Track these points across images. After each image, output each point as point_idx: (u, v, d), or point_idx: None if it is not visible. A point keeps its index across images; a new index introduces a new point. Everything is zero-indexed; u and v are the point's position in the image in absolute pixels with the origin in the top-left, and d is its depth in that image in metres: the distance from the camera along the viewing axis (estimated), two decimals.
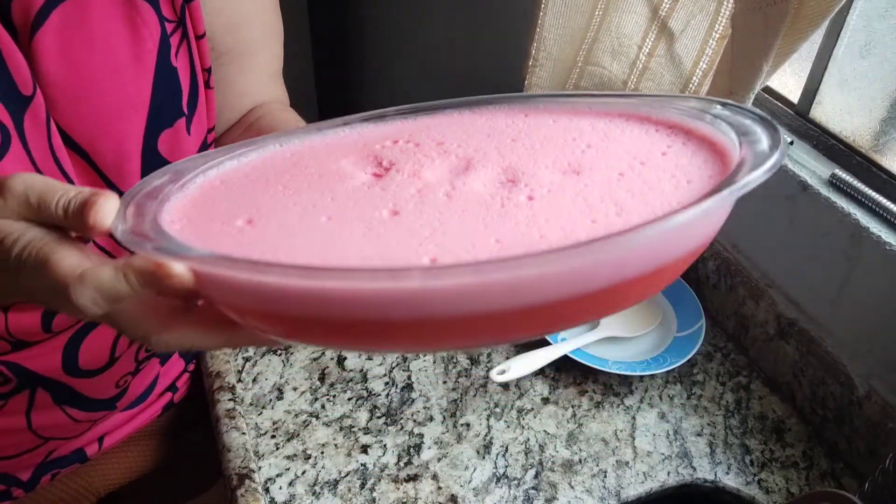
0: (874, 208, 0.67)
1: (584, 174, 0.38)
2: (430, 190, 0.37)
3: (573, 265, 0.29)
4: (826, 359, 0.71)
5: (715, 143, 0.39)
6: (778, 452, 0.71)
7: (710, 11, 0.74)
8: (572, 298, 0.30)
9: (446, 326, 0.30)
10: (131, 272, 0.32)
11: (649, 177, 0.37)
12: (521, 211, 0.34)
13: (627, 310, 0.64)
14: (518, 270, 0.28)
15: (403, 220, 0.34)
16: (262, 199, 0.38)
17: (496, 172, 0.38)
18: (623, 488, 0.67)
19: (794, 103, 0.77)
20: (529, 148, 0.41)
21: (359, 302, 0.29)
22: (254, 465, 0.66)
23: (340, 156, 0.42)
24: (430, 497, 0.65)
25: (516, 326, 0.31)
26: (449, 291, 0.28)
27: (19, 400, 0.59)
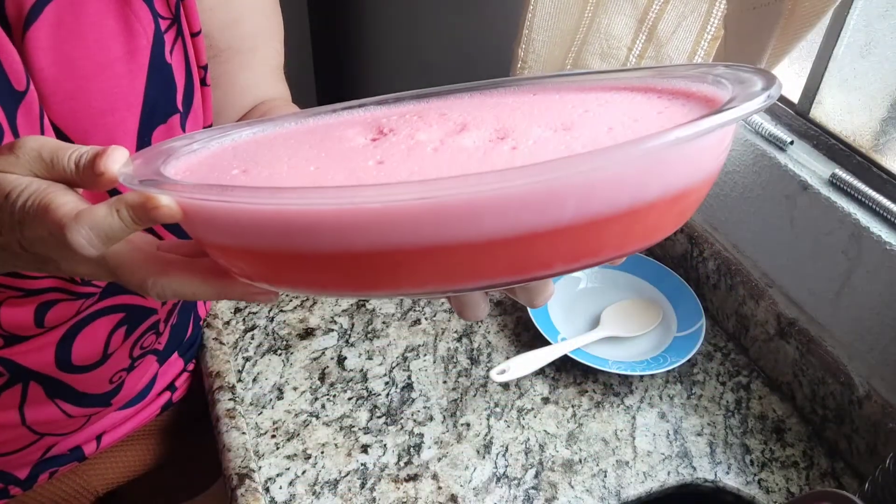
0: (874, 208, 0.67)
1: (573, 130, 0.36)
2: (420, 146, 0.37)
3: (538, 185, 0.26)
4: (826, 358, 0.71)
5: (714, 101, 0.38)
6: (778, 452, 0.71)
7: (701, 12, 0.74)
8: (541, 231, 0.28)
9: (413, 256, 0.28)
10: (123, 206, 0.33)
11: (639, 130, 0.35)
12: (500, 158, 0.33)
13: (628, 310, 0.66)
14: (476, 187, 0.26)
15: (385, 167, 0.34)
16: (262, 155, 0.39)
17: (488, 133, 0.38)
18: (623, 488, 0.67)
19: (795, 103, 0.77)
20: (528, 114, 0.40)
21: (320, 224, 0.28)
22: (254, 464, 0.66)
23: (347, 127, 0.42)
24: (430, 497, 0.65)
25: (487, 262, 0.29)
26: (405, 211, 0.27)
27: (11, 394, 0.59)
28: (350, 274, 0.30)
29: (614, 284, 0.86)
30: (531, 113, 0.41)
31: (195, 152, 0.40)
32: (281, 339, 0.79)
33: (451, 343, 0.80)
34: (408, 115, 0.43)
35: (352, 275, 0.30)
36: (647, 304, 0.83)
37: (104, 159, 0.34)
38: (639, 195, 0.29)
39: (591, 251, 0.30)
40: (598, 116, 0.39)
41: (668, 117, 0.37)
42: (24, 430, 0.61)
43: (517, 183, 0.26)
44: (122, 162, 0.35)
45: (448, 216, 0.27)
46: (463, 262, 0.28)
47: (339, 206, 0.27)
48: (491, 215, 0.27)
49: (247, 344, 0.78)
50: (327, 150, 0.38)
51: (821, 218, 0.70)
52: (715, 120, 0.28)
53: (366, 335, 0.80)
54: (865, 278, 0.67)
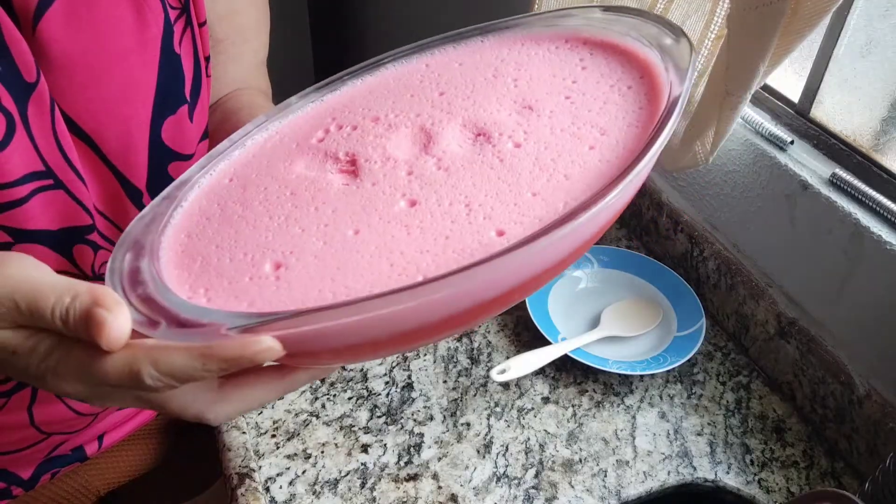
0: (875, 208, 0.67)
1: (536, 108, 0.39)
2: (419, 166, 0.37)
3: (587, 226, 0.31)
4: (826, 358, 0.71)
5: (615, 46, 0.41)
6: (778, 452, 0.71)
7: (705, 11, 0.74)
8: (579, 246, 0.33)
9: (442, 324, 0.31)
10: (215, 362, 0.30)
11: (593, 93, 0.39)
12: (522, 160, 0.36)
13: (628, 309, 0.70)
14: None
15: (426, 206, 0.35)
16: (261, 239, 0.36)
17: (458, 130, 0.39)
18: (623, 488, 0.67)
19: (795, 103, 0.77)
20: (463, 97, 0.41)
21: (398, 318, 0.30)
22: (254, 464, 0.66)
23: (285, 165, 0.40)
24: (430, 496, 0.65)
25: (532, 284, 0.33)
26: (461, 294, 0.30)
27: (22, 395, 0.58)
28: (400, 343, 0.32)
29: (614, 284, 0.86)
30: (465, 95, 0.41)
31: (158, 259, 0.35)
32: None
33: (451, 343, 0.80)
34: (334, 130, 0.42)
35: (400, 343, 0.32)
36: (647, 303, 0.83)
37: (107, 334, 0.30)
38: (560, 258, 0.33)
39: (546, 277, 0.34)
40: (533, 84, 0.40)
41: (598, 72, 0.40)
42: (32, 430, 0.61)
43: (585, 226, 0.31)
44: (129, 327, 0.30)
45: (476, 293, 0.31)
46: (463, 321, 0.32)
47: (416, 301, 0.29)
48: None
49: None
50: (322, 203, 0.37)
51: (821, 218, 0.70)
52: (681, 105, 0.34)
53: None
54: (866, 278, 0.67)
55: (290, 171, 0.39)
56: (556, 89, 0.40)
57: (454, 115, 0.40)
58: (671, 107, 0.34)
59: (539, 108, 0.39)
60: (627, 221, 0.97)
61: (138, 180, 0.55)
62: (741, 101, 0.66)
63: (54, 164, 0.49)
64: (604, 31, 0.42)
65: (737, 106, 0.67)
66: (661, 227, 0.91)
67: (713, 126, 0.71)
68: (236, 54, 0.65)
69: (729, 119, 0.68)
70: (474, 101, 0.40)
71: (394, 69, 0.46)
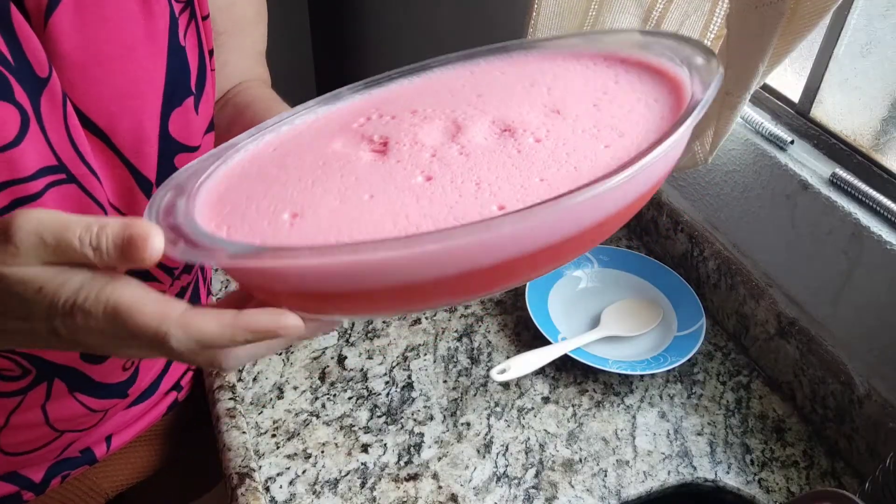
0: (875, 208, 0.67)
1: (563, 112, 0.41)
2: (443, 151, 0.39)
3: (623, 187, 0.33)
4: (826, 358, 0.71)
5: (649, 66, 0.44)
6: (778, 452, 0.71)
7: (704, 12, 0.74)
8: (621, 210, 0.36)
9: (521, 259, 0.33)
10: (249, 333, 0.32)
11: (620, 102, 0.41)
12: (539, 152, 0.38)
13: (628, 310, 0.71)
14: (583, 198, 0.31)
15: (439, 182, 0.37)
16: (287, 194, 0.39)
17: (486, 126, 0.41)
18: (623, 487, 0.67)
19: (795, 102, 0.77)
20: (499, 100, 0.44)
21: (447, 257, 0.31)
22: (254, 464, 0.66)
23: (325, 141, 0.44)
24: (430, 496, 0.65)
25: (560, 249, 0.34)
26: (526, 228, 0.32)
27: (37, 392, 0.58)
28: (392, 299, 0.34)
29: (615, 284, 0.86)
30: (500, 98, 0.44)
31: (195, 198, 0.39)
32: None
33: (451, 342, 0.80)
34: (375, 118, 0.45)
35: (393, 300, 0.34)
36: (647, 303, 0.83)
37: (147, 249, 0.32)
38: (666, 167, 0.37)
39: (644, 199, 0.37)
40: (566, 93, 0.43)
41: (629, 87, 0.43)
42: (46, 428, 0.61)
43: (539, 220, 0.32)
44: (162, 241, 0.32)
45: (494, 244, 0.32)
46: (487, 281, 0.34)
47: (405, 251, 0.31)
48: (585, 211, 0.33)
49: None
50: (349, 172, 0.40)
51: (821, 217, 0.70)
52: (706, 102, 0.36)
53: (366, 335, 0.80)
54: (866, 278, 0.67)
55: (327, 147, 0.43)
56: (586, 98, 0.42)
57: (486, 113, 0.42)
58: (689, 110, 0.36)
59: (566, 112, 0.41)
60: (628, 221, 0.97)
61: (149, 172, 0.55)
62: (740, 101, 0.66)
63: (67, 158, 0.50)
64: (640, 52, 0.45)
65: (736, 106, 0.67)
66: (662, 226, 0.91)
67: (712, 126, 0.71)
68: (237, 46, 0.65)
69: (728, 119, 0.68)
70: (508, 104, 0.43)
71: (440, 73, 0.50)
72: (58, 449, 0.65)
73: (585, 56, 0.47)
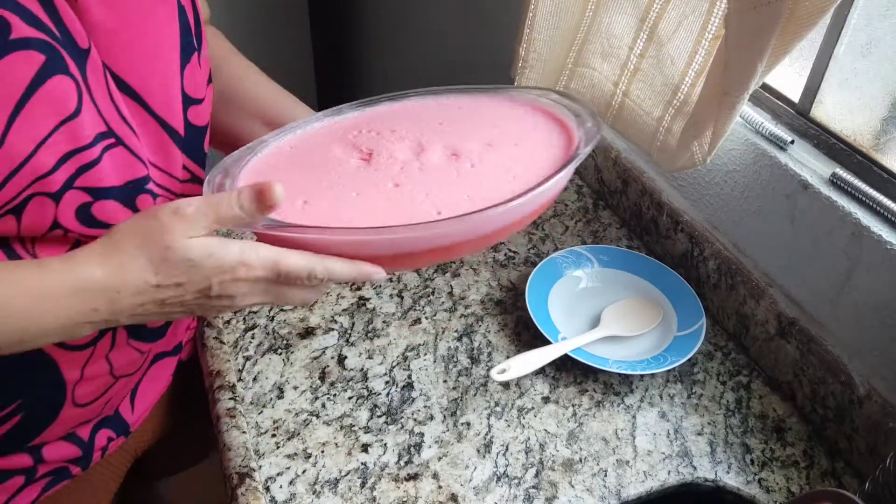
0: (875, 207, 0.67)
1: (495, 146, 0.59)
2: (408, 166, 0.57)
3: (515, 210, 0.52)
4: (826, 358, 0.71)
5: (558, 119, 0.62)
6: (778, 451, 0.71)
7: (702, 12, 0.74)
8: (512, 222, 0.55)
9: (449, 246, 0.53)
10: (356, 278, 0.51)
11: (534, 143, 0.59)
12: (471, 175, 0.56)
13: (628, 309, 0.85)
14: (479, 219, 0.51)
15: (403, 189, 0.55)
16: (300, 183, 0.55)
17: (441, 149, 0.59)
18: (623, 487, 0.67)
19: (795, 102, 0.77)
20: (452, 130, 0.61)
21: (415, 240, 0.51)
22: (254, 463, 0.66)
23: (328, 146, 0.61)
24: (430, 496, 0.65)
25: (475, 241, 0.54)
26: (451, 229, 0.51)
27: (104, 343, 0.60)
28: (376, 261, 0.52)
29: (615, 284, 0.86)
30: (455, 128, 0.62)
31: (243, 173, 0.57)
32: (281, 339, 0.79)
33: (451, 342, 0.80)
34: (364, 132, 0.62)
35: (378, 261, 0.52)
36: (647, 303, 0.83)
37: (274, 192, 0.47)
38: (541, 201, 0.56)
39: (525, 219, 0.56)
40: (502, 133, 0.61)
41: (540, 137, 0.61)
42: (108, 377, 0.63)
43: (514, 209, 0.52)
44: (281, 188, 0.47)
45: (451, 232, 0.52)
46: (466, 243, 0.54)
47: (362, 237, 0.51)
48: (483, 224, 0.53)
49: (247, 343, 0.78)
50: (340, 174, 0.57)
51: (821, 217, 0.70)
52: (580, 158, 0.55)
53: (366, 334, 0.80)
54: (866, 278, 0.67)
55: (329, 151, 0.60)
56: (512, 138, 0.60)
57: (443, 138, 0.60)
58: (568, 161, 0.54)
59: (497, 146, 0.59)
60: (627, 221, 0.97)
61: (179, 127, 0.58)
62: (739, 101, 0.66)
63: (113, 123, 0.52)
64: (554, 106, 0.64)
65: (735, 106, 0.67)
66: (662, 226, 0.91)
67: (711, 126, 0.71)
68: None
69: (727, 119, 0.68)
70: (459, 133, 0.61)
71: (415, 101, 0.67)
72: (109, 398, 0.66)
73: (521, 104, 0.65)
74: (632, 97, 0.84)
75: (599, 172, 1.01)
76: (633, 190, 0.94)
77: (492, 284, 0.87)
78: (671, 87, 0.79)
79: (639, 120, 0.84)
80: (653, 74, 0.81)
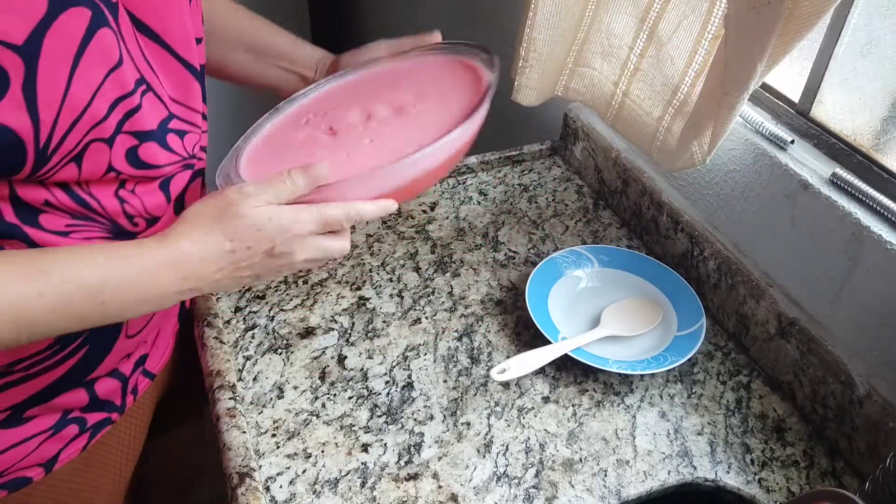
0: (875, 207, 0.67)
1: (427, 96, 0.69)
2: (366, 126, 0.67)
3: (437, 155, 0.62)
4: (827, 358, 0.71)
5: (471, 65, 0.72)
6: (778, 451, 0.71)
7: (702, 12, 0.74)
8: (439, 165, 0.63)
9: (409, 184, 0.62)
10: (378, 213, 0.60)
11: (450, 92, 0.69)
12: (418, 119, 0.67)
13: (628, 309, 0.84)
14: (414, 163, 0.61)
15: (378, 141, 0.65)
16: (297, 162, 0.61)
17: (384, 108, 0.68)
18: (623, 487, 0.67)
19: (795, 102, 0.77)
20: (386, 91, 0.71)
21: (412, 168, 0.61)
22: (254, 463, 0.66)
23: (291, 135, 0.68)
24: (430, 496, 0.65)
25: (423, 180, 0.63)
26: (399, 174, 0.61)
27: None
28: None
29: (615, 283, 0.86)
30: (391, 91, 0.70)
31: (241, 160, 0.65)
32: (281, 339, 0.79)
33: (451, 342, 0.80)
34: (320, 115, 0.70)
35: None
36: (647, 303, 0.83)
37: (321, 169, 0.57)
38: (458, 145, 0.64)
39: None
40: (429, 84, 0.71)
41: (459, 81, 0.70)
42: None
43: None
44: (326, 166, 0.58)
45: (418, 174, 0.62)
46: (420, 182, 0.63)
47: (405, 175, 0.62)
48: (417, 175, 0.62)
49: (247, 343, 0.78)
50: (321, 144, 0.66)
51: (821, 217, 0.70)
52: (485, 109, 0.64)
53: (366, 334, 0.80)
54: (866, 278, 0.67)
55: (295, 138, 0.68)
56: (435, 90, 0.70)
57: (378, 100, 0.69)
58: (481, 99, 0.64)
59: (428, 96, 0.69)
60: (628, 221, 0.97)
61: (196, 63, 0.61)
62: (739, 101, 0.66)
63: (143, 69, 0.56)
64: (464, 53, 0.73)
65: (734, 106, 0.67)
66: (662, 226, 0.91)
67: (711, 126, 0.71)
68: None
69: (727, 119, 0.68)
70: (392, 93, 0.70)
71: (336, 82, 0.74)
72: (149, 330, 0.70)
73: (436, 60, 0.74)
74: (632, 97, 0.84)
75: (599, 172, 1.01)
76: (634, 190, 0.94)
77: (492, 284, 0.87)
78: (671, 87, 0.79)
79: (639, 120, 0.84)
80: (653, 74, 0.81)
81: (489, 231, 0.95)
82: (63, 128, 0.49)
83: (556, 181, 1.05)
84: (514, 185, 1.03)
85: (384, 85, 0.72)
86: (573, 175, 1.06)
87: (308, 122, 0.69)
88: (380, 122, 0.66)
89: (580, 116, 1.04)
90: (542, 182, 1.04)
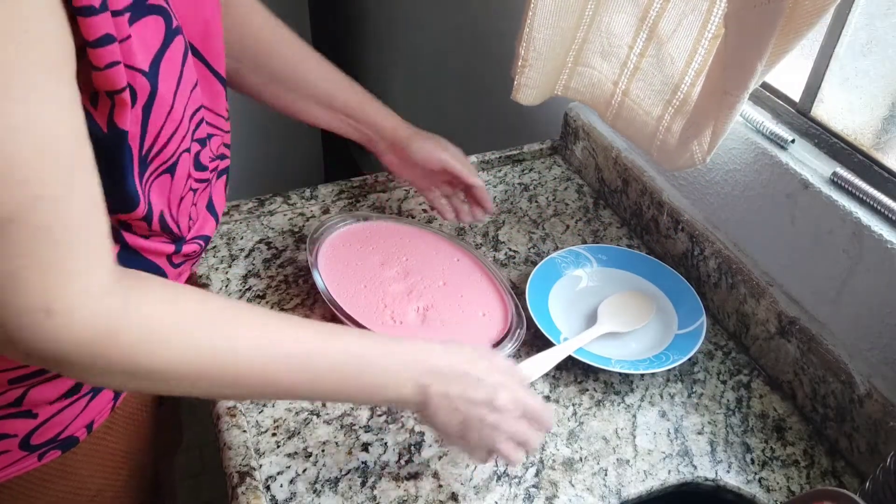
0: (875, 206, 0.67)
1: (466, 301, 0.82)
2: (422, 298, 0.81)
3: None
4: (827, 357, 0.71)
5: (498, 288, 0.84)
6: (779, 451, 0.71)
7: (702, 11, 0.74)
8: None
9: None
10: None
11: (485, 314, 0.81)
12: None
13: (622, 304, 0.85)
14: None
15: (431, 312, 0.80)
16: (359, 275, 0.81)
17: (432, 300, 0.80)
18: (624, 486, 0.67)
19: (796, 101, 0.77)
20: (447, 287, 0.83)
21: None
22: (254, 462, 0.66)
23: (371, 256, 0.84)
24: (430, 495, 0.65)
25: None
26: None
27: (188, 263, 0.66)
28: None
29: (615, 283, 0.86)
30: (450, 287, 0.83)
31: (322, 252, 0.82)
32: None
33: None
34: (388, 246, 0.85)
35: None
36: (639, 295, 0.83)
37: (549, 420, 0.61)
38: None
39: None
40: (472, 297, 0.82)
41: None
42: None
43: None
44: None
45: None
46: None
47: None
48: None
49: None
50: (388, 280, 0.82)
51: (822, 216, 0.70)
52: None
53: None
54: (866, 277, 0.67)
55: (374, 258, 0.84)
56: (478, 303, 0.82)
57: (436, 294, 0.81)
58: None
59: (466, 304, 0.81)
60: (628, 220, 0.97)
61: (223, 72, 0.62)
62: (738, 101, 0.66)
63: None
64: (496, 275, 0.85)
65: (734, 105, 0.67)
66: (662, 226, 0.91)
67: (711, 125, 0.71)
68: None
69: (727, 118, 0.68)
70: (449, 291, 0.82)
71: (430, 235, 0.89)
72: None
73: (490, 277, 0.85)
74: (632, 96, 0.84)
75: (600, 172, 1.01)
76: (634, 189, 0.94)
77: None
78: (671, 87, 0.79)
79: (638, 119, 0.84)
80: (652, 73, 0.81)
81: (489, 230, 0.95)
82: (164, 139, 0.52)
83: (556, 180, 1.05)
84: (515, 185, 1.03)
85: (453, 274, 0.84)
86: (573, 174, 1.06)
87: (384, 249, 0.84)
88: (426, 308, 0.79)
89: (580, 116, 1.04)
90: (543, 181, 1.04)
